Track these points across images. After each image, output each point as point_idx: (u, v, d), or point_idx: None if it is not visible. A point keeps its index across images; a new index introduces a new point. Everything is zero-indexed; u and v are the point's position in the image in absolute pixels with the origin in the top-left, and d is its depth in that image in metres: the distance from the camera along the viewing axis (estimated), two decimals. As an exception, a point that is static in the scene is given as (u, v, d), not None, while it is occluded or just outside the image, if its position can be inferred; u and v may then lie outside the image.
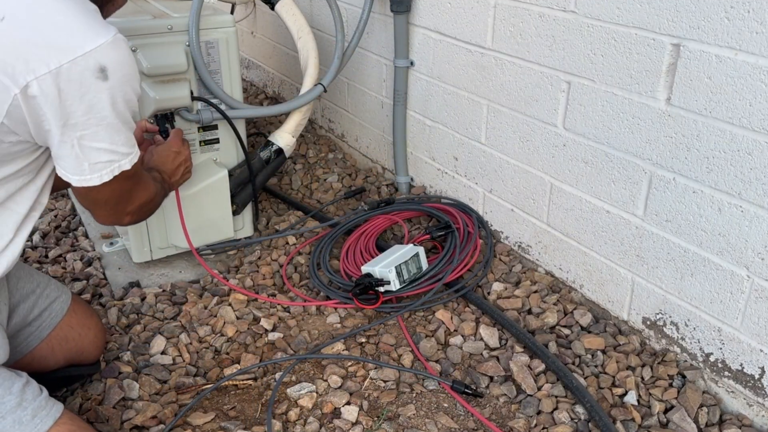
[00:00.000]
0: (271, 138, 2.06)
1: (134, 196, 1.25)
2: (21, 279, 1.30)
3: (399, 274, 1.62)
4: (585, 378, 1.42)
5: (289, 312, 1.68)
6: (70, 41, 0.99)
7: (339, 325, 1.63)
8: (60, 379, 1.40)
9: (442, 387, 1.43)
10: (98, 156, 1.08)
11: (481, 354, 1.52)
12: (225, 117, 1.79)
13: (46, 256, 1.93)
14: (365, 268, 1.64)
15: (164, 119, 1.70)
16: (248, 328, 1.61)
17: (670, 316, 1.46)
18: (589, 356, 1.48)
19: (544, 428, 1.32)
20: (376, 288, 1.60)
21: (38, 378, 1.15)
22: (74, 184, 1.10)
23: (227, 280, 1.78)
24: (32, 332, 1.30)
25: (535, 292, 1.68)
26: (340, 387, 1.43)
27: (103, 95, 1.03)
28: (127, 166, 1.13)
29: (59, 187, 1.34)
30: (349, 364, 1.50)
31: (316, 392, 1.41)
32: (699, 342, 1.41)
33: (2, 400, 1.05)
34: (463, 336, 1.56)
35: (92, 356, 1.42)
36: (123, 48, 1.05)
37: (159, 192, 1.39)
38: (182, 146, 1.59)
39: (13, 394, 1.07)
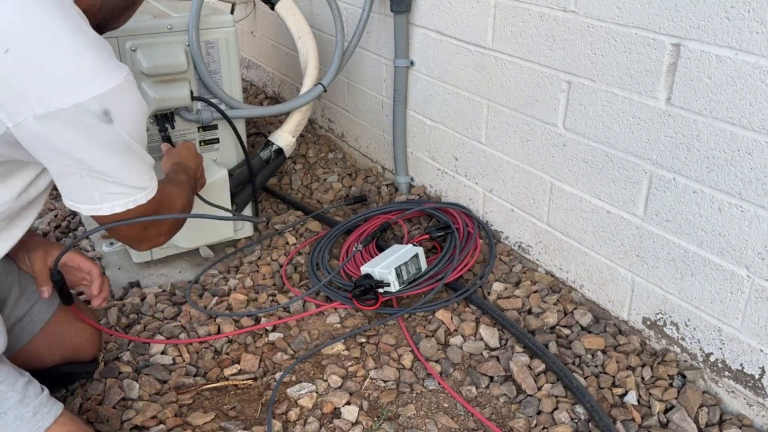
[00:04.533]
0: (271, 138, 2.06)
1: (161, 221, 1.20)
2: (9, 273, 1.30)
3: (399, 275, 1.61)
4: (585, 378, 1.42)
5: (289, 312, 1.68)
6: (74, 85, 0.94)
7: (339, 326, 1.63)
8: (59, 378, 1.39)
9: (442, 387, 1.43)
10: (107, 187, 1.04)
11: (481, 354, 1.52)
12: (225, 117, 1.79)
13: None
14: (365, 269, 1.63)
15: (164, 119, 1.70)
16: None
17: (670, 316, 1.46)
18: (589, 356, 1.48)
19: (544, 428, 1.32)
20: (376, 289, 1.60)
21: (36, 376, 1.15)
22: (84, 213, 1.07)
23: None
24: (24, 327, 1.30)
25: (535, 292, 1.68)
26: (340, 387, 1.43)
27: (108, 136, 0.99)
28: (143, 200, 1.09)
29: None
30: (349, 364, 1.50)
31: (316, 392, 1.41)
32: (699, 342, 1.41)
33: (5, 396, 1.05)
34: (463, 336, 1.56)
35: (89, 354, 1.42)
36: (129, 91, 1.00)
37: (189, 197, 1.35)
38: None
39: (15, 391, 1.07)
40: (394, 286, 1.61)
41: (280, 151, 2.04)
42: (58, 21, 0.93)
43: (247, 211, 1.98)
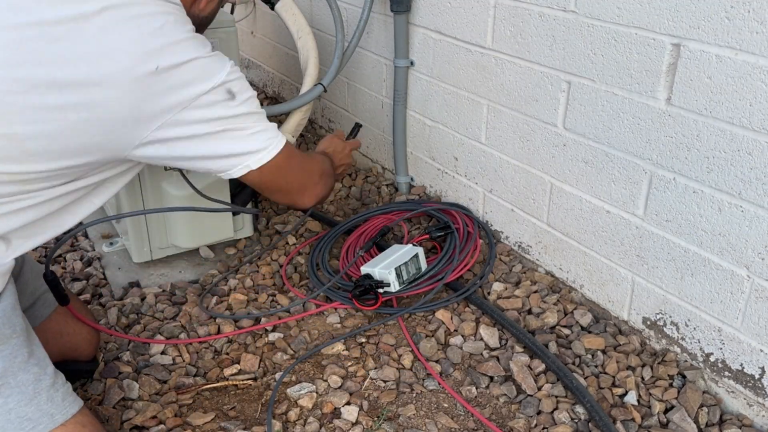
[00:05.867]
0: (271, 138, 2.06)
1: (311, 166, 1.43)
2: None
3: (399, 275, 1.61)
4: (585, 378, 1.42)
5: (289, 312, 1.68)
6: (204, 77, 1.13)
7: (339, 326, 1.63)
8: None
9: (442, 387, 1.43)
10: (256, 136, 1.23)
11: (481, 354, 1.52)
12: (225, 117, 1.79)
13: (46, 256, 1.93)
14: (365, 269, 1.63)
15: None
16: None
17: (671, 316, 1.46)
18: (589, 356, 1.48)
19: (544, 428, 1.32)
20: (376, 289, 1.60)
21: None
22: (254, 166, 1.24)
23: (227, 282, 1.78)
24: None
25: (535, 292, 1.68)
26: (340, 387, 1.43)
27: (238, 109, 1.19)
28: (283, 140, 1.28)
29: None
30: (349, 363, 1.50)
31: (316, 392, 1.41)
32: (699, 342, 1.41)
33: (39, 378, 1.10)
34: (463, 336, 1.56)
35: (88, 353, 1.42)
36: (237, 68, 1.20)
37: (329, 166, 1.56)
38: (347, 144, 1.77)
39: (48, 375, 1.11)
40: (394, 286, 1.61)
41: (280, 151, 2.04)
42: (180, 32, 1.12)
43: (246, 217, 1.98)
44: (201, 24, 1.31)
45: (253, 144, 1.24)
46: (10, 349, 1.07)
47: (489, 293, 1.70)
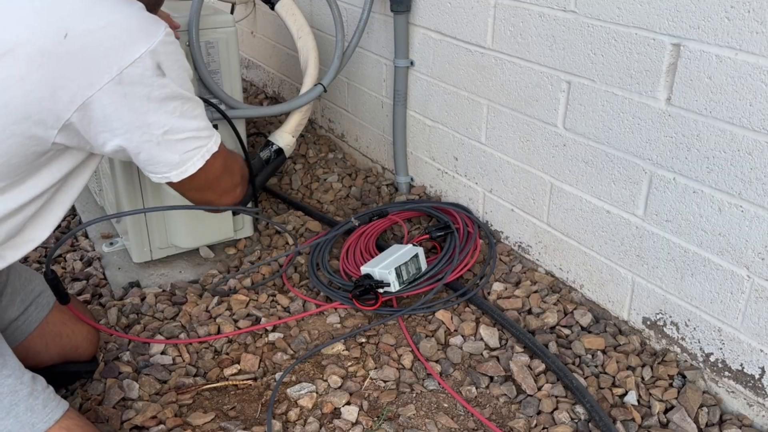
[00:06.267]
0: (271, 138, 2.06)
1: (233, 168, 1.28)
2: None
3: (399, 275, 1.61)
4: (585, 378, 1.42)
5: (289, 312, 1.68)
6: (127, 46, 0.98)
7: (339, 325, 1.63)
8: (58, 377, 1.39)
9: (442, 387, 1.43)
10: (186, 145, 1.11)
11: (481, 354, 1.52)
12: (225, 117, 1.79)
13: (46, 256, 1.93)
14: (365, 269, 1.63)
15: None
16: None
17: (671, 316, 1.46)
18: (589, 356, 1.48)
19: (544, 428, 1.32)
20: (376, 289, 1.60)
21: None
22: (175, 180, 1.14)
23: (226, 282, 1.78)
24: (19, 325, 1.30)
25: (535, 292, 1.68)
26: (340, 387, 1.43)
27: (166, 90, 1.04)
28: (215, 148, 1.17)
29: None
30: (349, 363, 1.50)
31: (316, 392, 1.41)
32: (699, 342, 1.41)
33: (14, 389, 1.06)
34: (463, 336, 1.56)
35: (87, 353, 1.42)
36: (171, 42, 1.05)
37: (247, 170, 1.44)
38: None
39: (24, 384, 1.08)
40: (394, 286, 1.61)
41: (280, 151, 2.04)
42: None
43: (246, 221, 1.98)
44: (153, 3, 1.17)
45: (176, 154, 1.11)
46: None
47: (489, 293, 1.70)
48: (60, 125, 0.99)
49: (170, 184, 1.18)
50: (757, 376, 1.31)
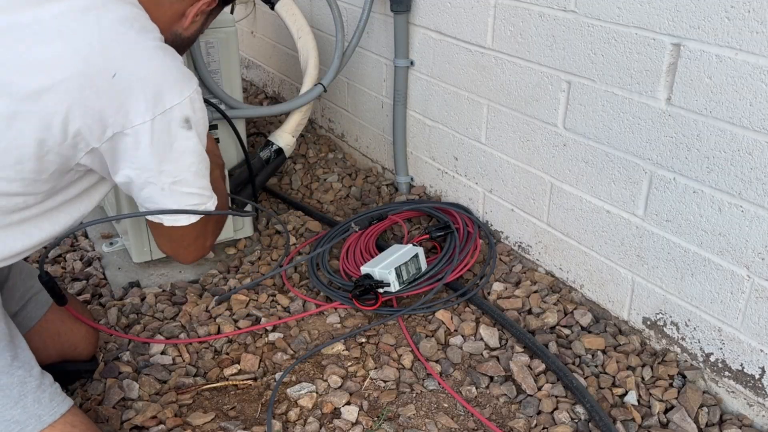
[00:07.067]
0: (271, 138, 2.06)
1: (214, 229, 1.35)
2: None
3: (399, 275, 1.61)
4: (585, 378, 1.42)
5: (289, 312, 1.68)
6: (164, 94, 1.07)
7: (339, 325, 1.63)
8: (57, 377, 1.39)
9: (442, 387, 1.43)
10: (188, 199, 1.18)
11: (481, 354, 1.52)
12: (225, 117, 1.79)
13: (46, 256, 1.93)
14: (365, 269, 1.63)
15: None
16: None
17: (671, 316, 1.46)
18: (590, 356, 1.48)
19: (544, 428, 1.32)
20: (376, 289, 1.60)
21: None
22: (166, 224, 1.20)
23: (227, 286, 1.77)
24: (18, 323, 1.30)
25: (535, 292, 1.68)
26: (340, 387, 1.43)
27: (189, 143, 1.13)
28: (212, 208, 1.23)
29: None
30: (349, 364, 1.50)
31: (316, 392, 1.41)
32: (699, 342, 1.41)
33: (24, 381, 1.10)
34: (463, 336, 1.56)
35: (86, 352, 1.42)
36: (199, 99, 1.14)
37: (225, 193, 1.46)
38: None
39: (33, 377, 1.11)
40: (394, 286, 1.61)
41: (280, 151, 2.04)
42: (144, 36, 1.09)
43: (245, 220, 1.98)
44: (181, 45, 1.25)
45: (176, 204, 1.17)
46: None
47: (489, 293, 1.70)
48: (89, 149, 1.08)
49: (150, 223, 1.24)
50: (757, 376, 1.31)
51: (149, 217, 1.21)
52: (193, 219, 1.21)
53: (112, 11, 1.06)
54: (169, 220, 1.20)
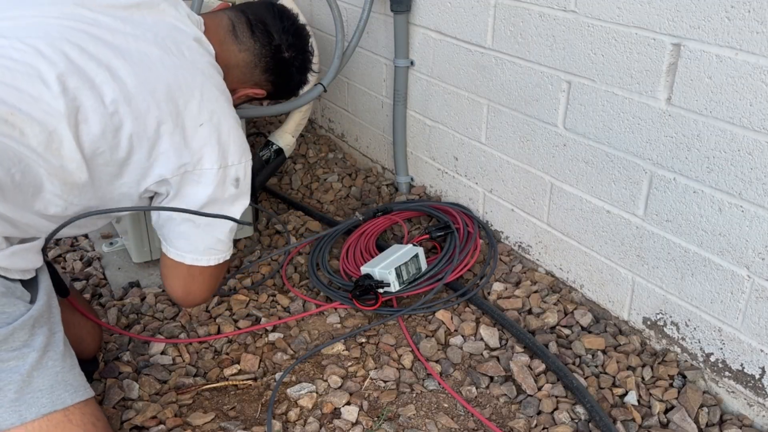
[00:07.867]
0: (271, 138, 2.06)
1: (218, 279, 1.45)
2: None
3: (399, 275, 1.61)
4: (585, 378, 1.42)
5: (289, 312, 1.68)
6: (231, 154, 1.29)
7: (339, 325, 1.63)
8: None
9: (442, 387, 1.43)
10: (216, 244, 1.34)
11: (482, 354, 1.52)
12: (225, 117, 1.79)
13: (46, 256, 1.93)
14: (365, 269, 1.63)
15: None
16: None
17: (671, 316, 1.46)
18: (590, 356, 1.48)
19: (544, 428, 1.32)
20: (376, 289, 1.60)
21: None
22: (188, 262, 1.34)
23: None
24: None
25: (536, 292, 1.68)
26: (340, 387, 1.43)
27: (233, 199, 1.32)
28: (228, 257, 1.39)
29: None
30: (349, 364, 1.50)
31: (316, 392, 1.41)
32: (699, 342, 1.41)
33: (72, 354, 1.16)
34: (463, 336, 1.56)
35: (90, 348, 1.42)
36: (249, 167, 1.34)
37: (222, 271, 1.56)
38: None
39: (73, 356, 1.17)
40: (394, 286, 1.61)
41: (280, 151, 2.04)
42: (228, 105, 1.31)
43: (247, 212, 1.97)
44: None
45: (203, 245, 1.33)
46: (50, 325, 1.12)
47: (489, 293, 1.70)
48: (160, 179, 1.25)
49: (164, 258, 1.37)
50: (757, 376, 1.31)
51: (169, 255, 1.34)
52: (213, 262, 1.35)
53: (215, 77, 1.32)
54: (190, 258, 1.33)
